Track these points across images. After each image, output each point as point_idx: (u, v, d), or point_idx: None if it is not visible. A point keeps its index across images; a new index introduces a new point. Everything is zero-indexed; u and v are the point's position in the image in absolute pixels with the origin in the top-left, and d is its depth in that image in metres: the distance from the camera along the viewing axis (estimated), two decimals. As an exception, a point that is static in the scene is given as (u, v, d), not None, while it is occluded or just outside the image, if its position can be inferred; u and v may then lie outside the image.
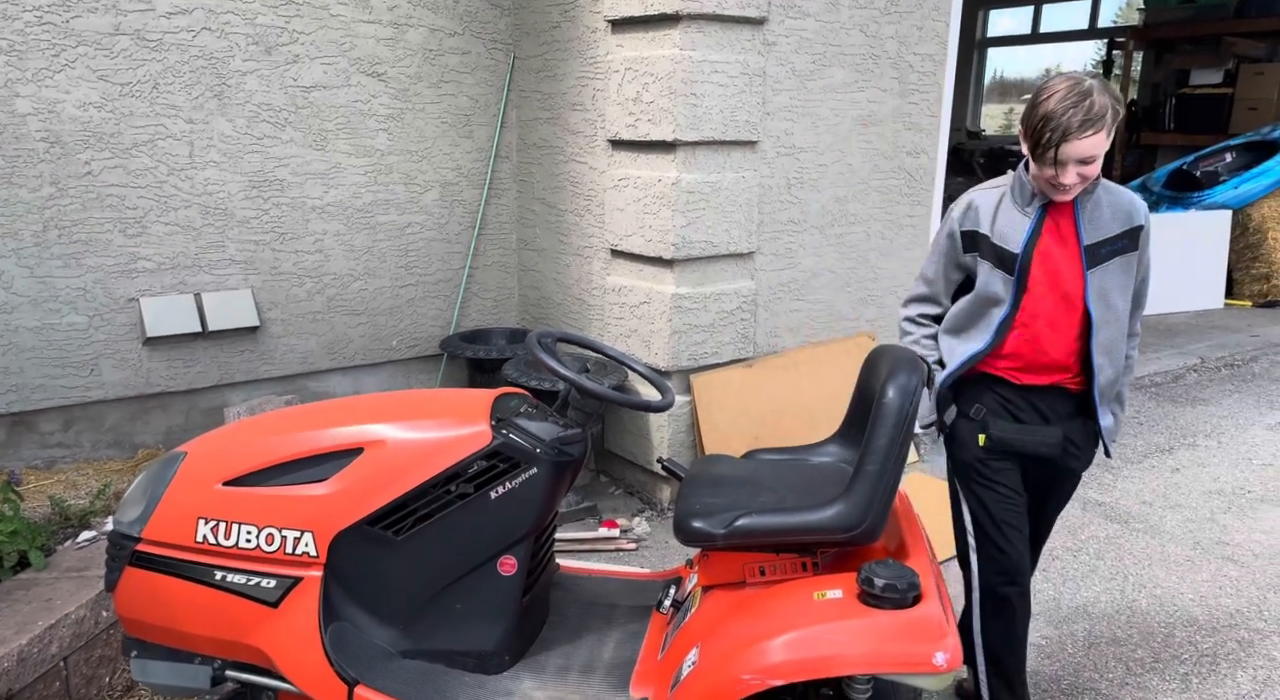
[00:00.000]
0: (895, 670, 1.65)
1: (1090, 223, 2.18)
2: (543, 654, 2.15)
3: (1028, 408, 2.29)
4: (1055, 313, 2.21)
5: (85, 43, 3.56)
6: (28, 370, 3.67)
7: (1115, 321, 2.21)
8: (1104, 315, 2.19)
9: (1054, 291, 2.20)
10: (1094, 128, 2.01)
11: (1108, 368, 2.23)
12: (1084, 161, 2.05)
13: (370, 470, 1.98)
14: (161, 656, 2.10)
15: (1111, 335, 2.21)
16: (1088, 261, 2.17)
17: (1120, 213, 2.20)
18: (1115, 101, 2.04)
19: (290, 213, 4.15)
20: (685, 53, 3.65)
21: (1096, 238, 2.17)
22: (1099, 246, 2.17)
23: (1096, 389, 2.23)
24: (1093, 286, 2.17)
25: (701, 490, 2.07)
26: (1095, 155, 2.05)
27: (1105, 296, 2.19)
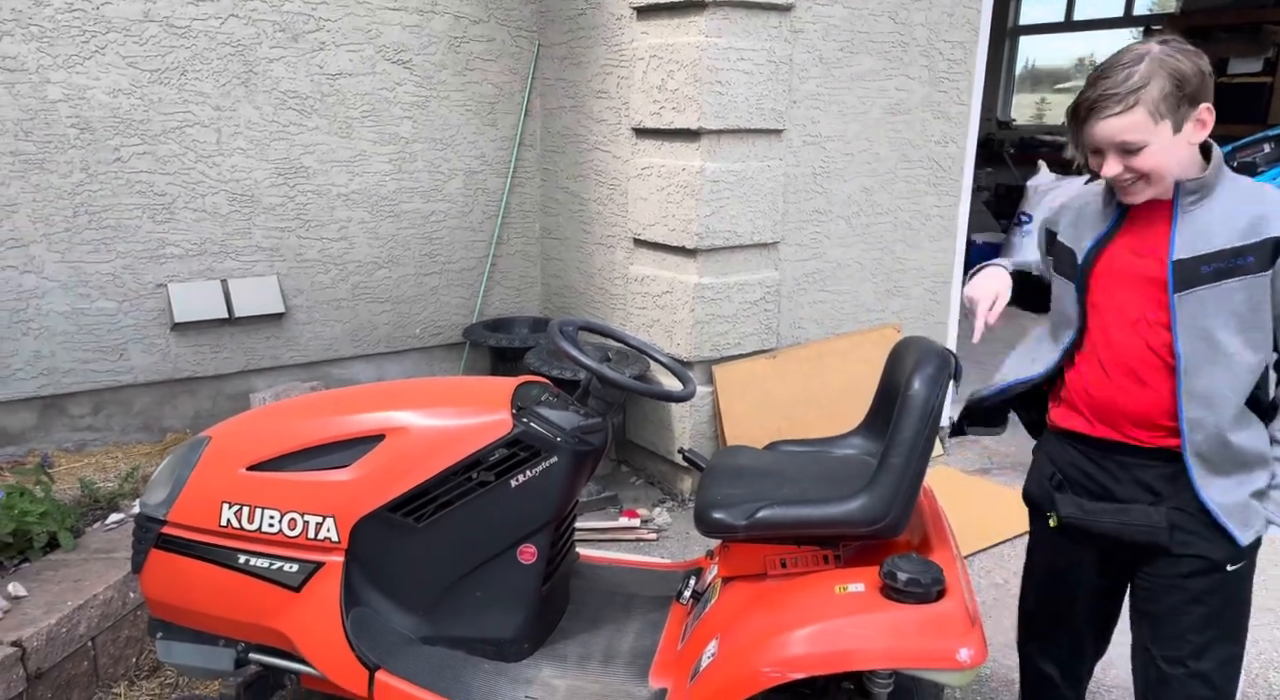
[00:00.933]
0: (918, 666, 1.64)
1: (1191, 230, 1.67)
2: (562, 643, 2.15)
3: (1118, 471, 1.80)
4: (1127, 345, 1.73)
5: (115, 29, 3.59)
6: (59, 354, 3.72)
7: (1222, 364, 1.66)
8: (1200, 354, 1.66)
9: (1123, 317, 1.74)
10: (1122, 105, 1.60)
11: (1207, 424, 1.68)
12: (1126, 150, 1.64)
13: (392, 457, 1.99)
14: (186, 638, 2.12)
15: (1214, 383, 1.67)
16: (1176, 282, 1.66)
17: (1243, 218, 1.64)
18: (1176, 75, 1.59)
19: (316, 200, 4.17)
20: (711, 40, 3.62)
21: (1196, 251, 1.65)
22: (1198, 263, 1.65)
23: (1189, 451, 1.69)
24: (1183, 315, 1.65)
25: (723, 481, 2.06)
26: (1136, 142, 1.63)
27: (1203, 330, 1.65)
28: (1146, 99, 1.61)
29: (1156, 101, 1.61)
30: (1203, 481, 1.70)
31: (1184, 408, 1.68)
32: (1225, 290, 1.64)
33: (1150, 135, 1.63)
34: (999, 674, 2.79)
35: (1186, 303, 1.66)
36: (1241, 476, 1.72)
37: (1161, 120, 1.62)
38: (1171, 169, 1.66)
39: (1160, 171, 1.66)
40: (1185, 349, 1.67)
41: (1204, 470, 1.70)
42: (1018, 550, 3.59)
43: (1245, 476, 1.72)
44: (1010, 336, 2.08)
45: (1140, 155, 1.65)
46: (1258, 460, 1.73)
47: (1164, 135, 1.63)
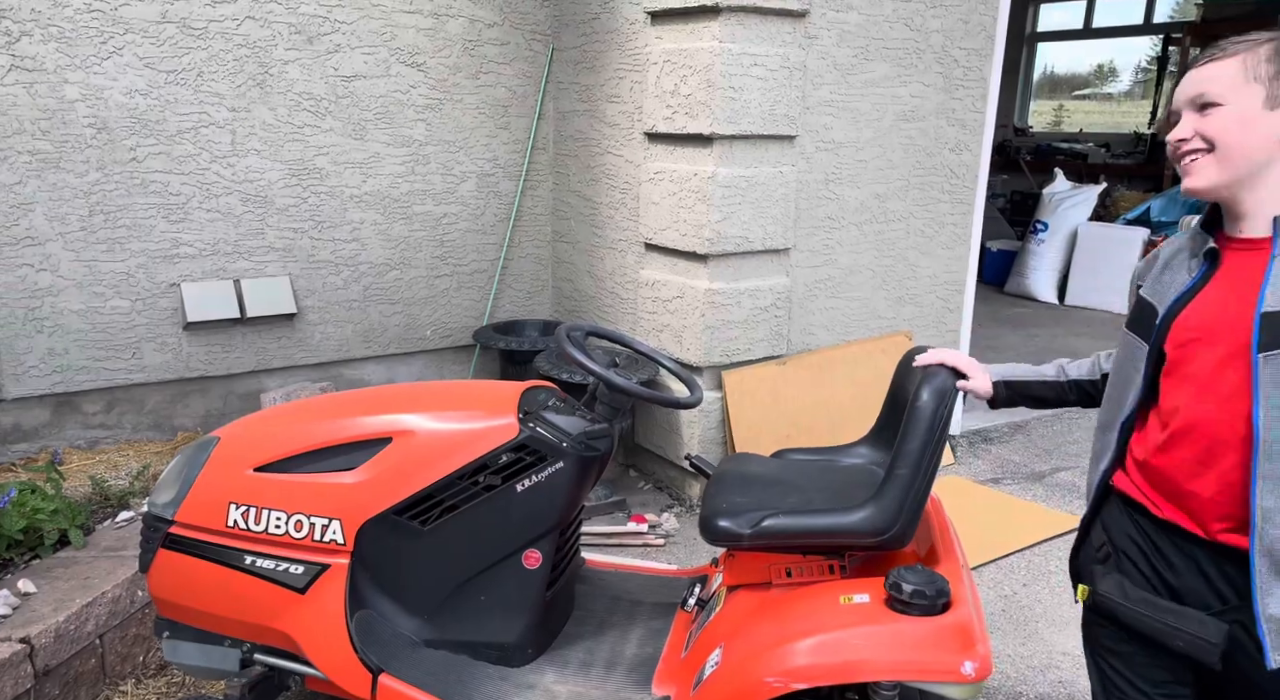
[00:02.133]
0: (922, 678, 1.62)
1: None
2: (566, 648, 2.15)
3: (1180, 561, 1.49)
4: (1201, 415, 1.43)
5: (132, 30, 3.61)
6: (73, 352, 3.74)
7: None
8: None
9: (1197, 382, 1.43)
10: (1222, 53, 1.38)
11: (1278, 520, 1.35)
12: (1200, 105, 1.40)
13: (398, 460, 1.99)
14: (192, 638, 2.13)
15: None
16: (1262, 339, 1.35)
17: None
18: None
19: (329, 201, 4.19)
20: (725, 45, 3.62)
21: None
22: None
23: (1256, 548, 1.37)
24: (1267, 379, 1.34)
25: (729, 489, 2.05)
26: (1212, 95, 1.38)
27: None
28: (1246, 53, 1.37)
29: (1257, 61, 1.35)
30: (1265, 586, 1.37)
31: (1258, 494, 1.36)
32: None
33: (1232, 93, 1.37)
34: (1006, 687, 2.77)
35: (1272, 365, 1.34)
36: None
37: (1254, 83, 1.36)
38: (1246, 150, 1.37)
39: (1228, 145, 1.38)
40: (1266, 421, 1.34)
41: (1270, 574, 1.37)
42: (1027, 561, 3.57)
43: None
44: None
45: (1211, 115, 1.38)
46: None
47: (1250, 100, 1.36)
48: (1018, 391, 1.85)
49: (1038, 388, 1.84)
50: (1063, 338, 6.87)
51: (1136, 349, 1.53)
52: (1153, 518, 1.51)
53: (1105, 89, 19.71)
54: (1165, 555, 1.50)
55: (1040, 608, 3.21)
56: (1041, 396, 1.84)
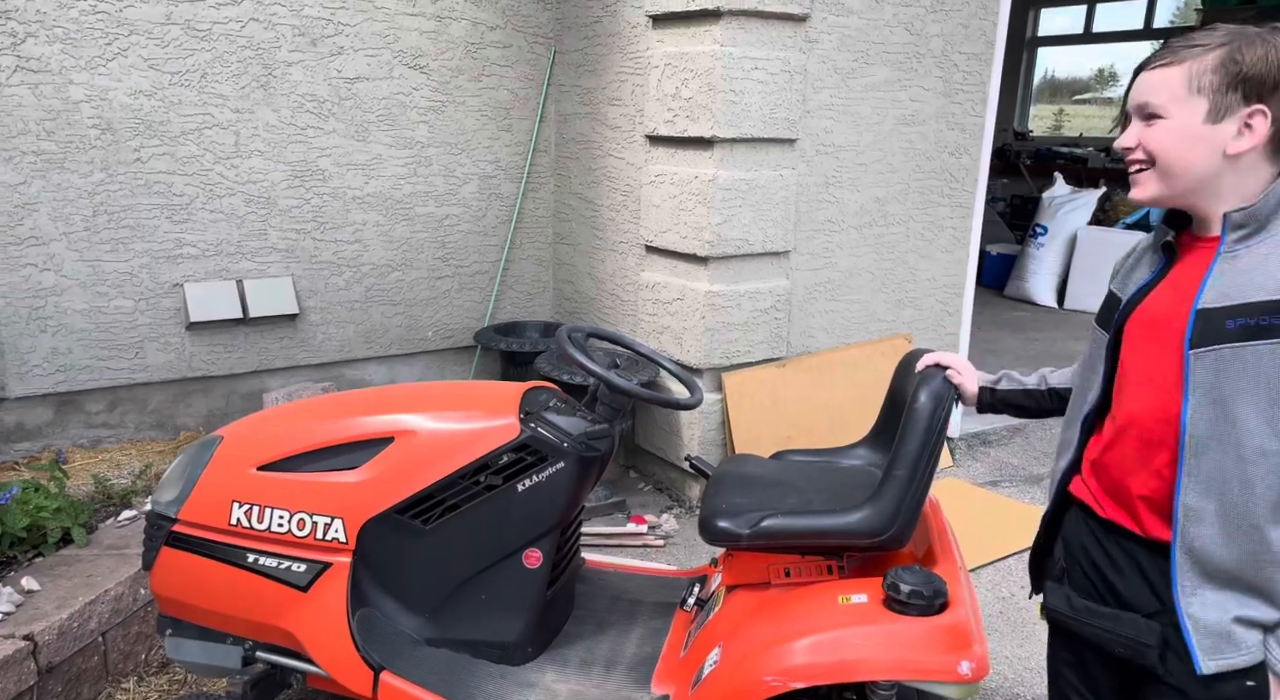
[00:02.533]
0: (919, 678, 1.64)
1: (1229, 275, 1.35)
2: (566, 647, 2.16)
3: (1124, 562, 1.48)
4: (1141, 410, 1.43)
5: (137, 32, 3.63)
6: (76, 351, 3.76)
7: (1235, 445, 1.32)
8: (1209, 428, 1.33)
9: (1141, 375, 1.44)
10: (1168, 59, 1.35)
11: (1207, 521, 1.35)
12: (1145, 114, 1.38)
13: (400, 460, 2.01)
14: (194, 636, 2.15)
15: (1221, 466, 1.33)
16: (1194, 335, 1.34)
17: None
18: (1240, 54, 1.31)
19: (331, 202, 4.21)
20: (726, 49, 3.64)
21: (1227, 300, 1.32)
22: (1225, 315, 1.32)
23: (1178, 546, 1.37)
24: (1197, 377, 1.34)
25: (728, 490, 2.07)
26: (1155, 106, 1.36)
27: (1219, 398, 1.33)
28: (1192, 61, 1.33)
29: (1202, 70, 1.32)
30: (1186, 586, 1.37)
31: (1181, 491, 1.36)
32: (1254, 353, 1.29)
33: (1175, 106, 1.34)
34: (1004, 689, 2.78)
35: (1203, 362, 1.33)
36: (1241, 596, 1.35)
37: (1197, 96, 1.33)
38: (1186, 166, 1.36)
39: (1167, 159, 1.37)
40: (1193, 418, 1.34)
41: (1192, 573, 1.37)
42: (1024, 563, 3.58)
43: (1244, 598, 1.35)
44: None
45: (1154, 127, 1.37)
46: (1272, 587, 1.33)
47: (1191, 115, 1.34)
48: (1000, 398, 1.85)
49: (1019, 396, 1.83)
50: (1061, 342, 6.89)
51: (1099, 343, 1.54)
52: (1099, 519, 1.51)
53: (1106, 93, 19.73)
54: (1111, 557, 1.49)
55: (1038, 610, 3.23)
56: (1023, 405, 1.83)
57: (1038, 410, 1.82)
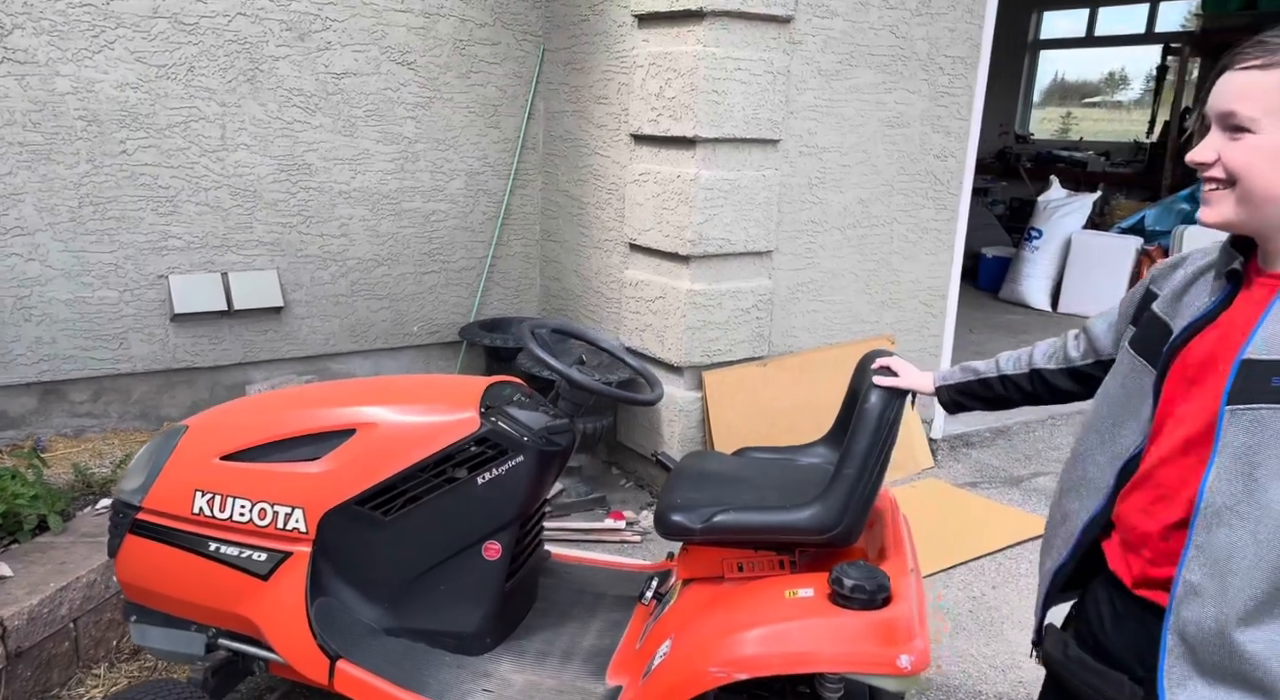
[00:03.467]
0: (859, 670, 1.66)
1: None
2: (525, 638, 2.19)
3: (1124, 613, 1.33)
4: (1173, 463, 1.25)
5: (124, 25, 3.66)
6: (60, 341, 3.79)
7: (1255, 522, 1.13)
8: (1232, 497, 1.15)
9: (1180, 425, 1.25)
10: (1264, 59, 1.14)
11: (1207, 597, 1.16)
12: (1230, 124, 1.17)
13: (361, 451, 2.03)
14: (159, 622, 2.18)
15: (1237, 544, 1.14)
16: (1234, 389, 1.16)
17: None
18: None
19: (317, 197, 4.23)
20: (709, 49, 3.66)
21: (1275, 352, 1.14)
22: (1270, 369, 1.14)
23: (1170, 625, 1.20)
24: (1230, 436, 1.16)
25: (686, 485, 2.09)
26: (1244, 116, 1.15)
27: (1248, 465, 1.14)
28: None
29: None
30: (1173, 674, 1.19)
31: (1185, 562, 1.18)
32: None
33: (1269, 119, 1.13)
34: (967, 685, 2.80)
35: (1238, 421, 1.14)
36: (1240, 698, 1.16)
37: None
38: (1272, 191, 1.15)
39: (1251, 182, 1.16)
40: (1214, 483, 1.16)
41: (1183, 661, 1.19)
42: (999, 564, 3.60)
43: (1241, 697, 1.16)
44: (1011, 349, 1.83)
45: (1240, 141, 1.16)
46: (1274, 686, 1.13)
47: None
48: (957, 391, 1.82)
49: (976, 387, 1.78)
50: (1052, 345, 6.90)
51: (1144, 375, 1.32)
52: (1109, 572, 1.35)
53: (1115, 97, 19.68)
54: (1115, 608, 1.34)
55: (1007, 609, 3.25)
56: (983, 396, 1.78)
57: (1002, 398, 1.76)
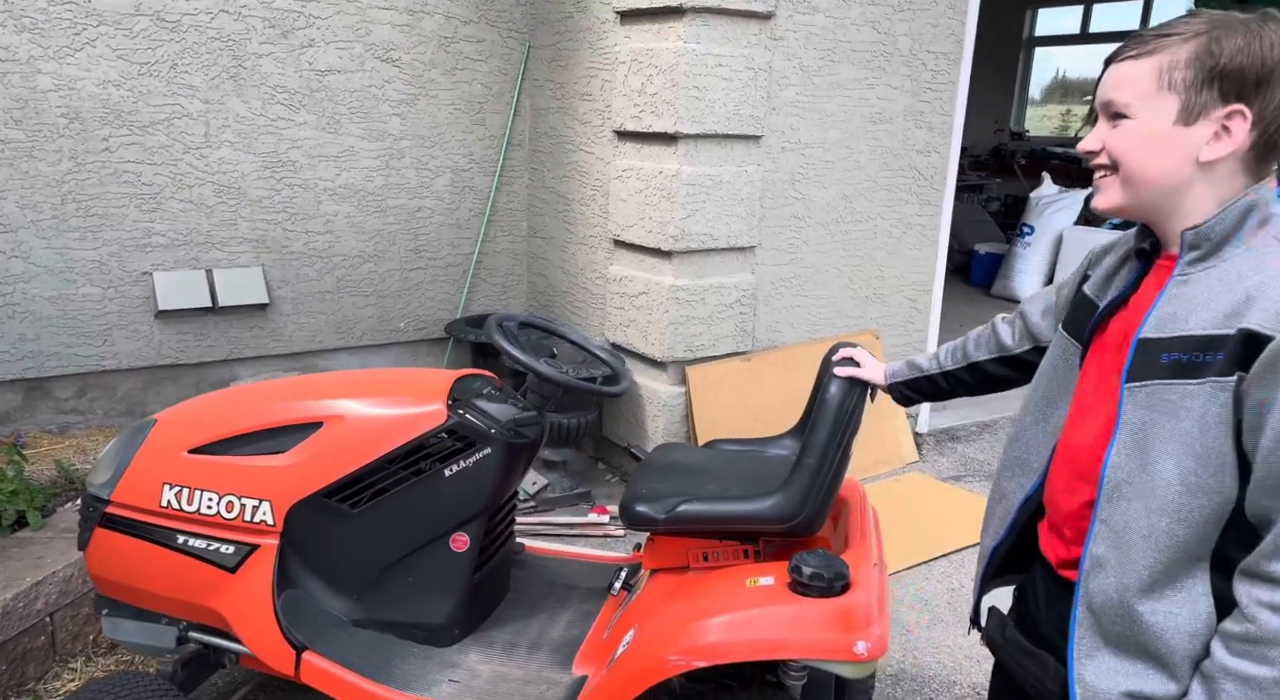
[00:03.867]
0: (816, 656, 1.67)
1: (1175, 302, 1.20)
2: (494, 630, 2.20)
3: (1055, 595, 1.36)
4: (1081, 440, 1.30)
5: (106, 22, 3.67)
6: (44, 338, 3.81)
7: (1147, 497, 1.17)
8: (1129, 473, 1.19)
9: (1090, 402, 1.30)
10: (1139, 49, 1.18)
11: (1109, 569, 1.20)
12: (1111, 112, 1.21)
13: (328, 444, 2.04)
14: (130, 616, 2.19)
15: (1133, 518, 1.18)
16: (1131, 367, 1.20)
17: (1234, 297, 1.14)
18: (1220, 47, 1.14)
19: (302, 194, 4.25)
20: (689, 45, 3.67)
21: (1165, 331, 1.18)
22: (1160, 347, 1.18)
23: (1079, 599, 1.24)
24: (1128, 414, 1.20)
25: (652, 476, 2.11)
26: (1121, 104, 1.19)
27: (1142, 441, 1.18)
28: (1164, 53, 1.16)
29: (1174, 64, 1.15)
30: (1082, 646, 1.23)
31: (1091, 537, 1.22)
32: (1181, 394, 1.14)
33: (1143, 104, 1.18)
34: (941, 675, 2.81)
35: (1135, 398, 1.18)
36: (1143, 668, 1.19)
37: (1168, 93, 1.16)
38: (1152, 175, 1.19)
39: (1130, 165, 1.20)
40: (1115, 459, 1.20)
41: (1092, 633, 1.23)
42: (976, 556, 3.61)
43: (1146, 671, 1.19)
44: None
45: (1120, 128, 1.20)
46: (1170, 657, 1.17)
47: (1160, 114, 1.17)
48: (907, 387, 1.82)
49: (922, 383, 1.80)
50: (1042, 340, 6.91)
51: (1073, 356, 1.35)
52: (1041, 553, 1.39)
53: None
54: (1049, 588, 1.36)
55: (986, 603, 3.26)
56: (930, 392, 1.80)
57: (946, 392, 1.78)
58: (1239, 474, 1.13)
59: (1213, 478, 1.13)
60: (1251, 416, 1.10)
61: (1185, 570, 1.16)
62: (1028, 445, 1.41)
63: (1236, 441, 1.12)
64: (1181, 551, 1.16)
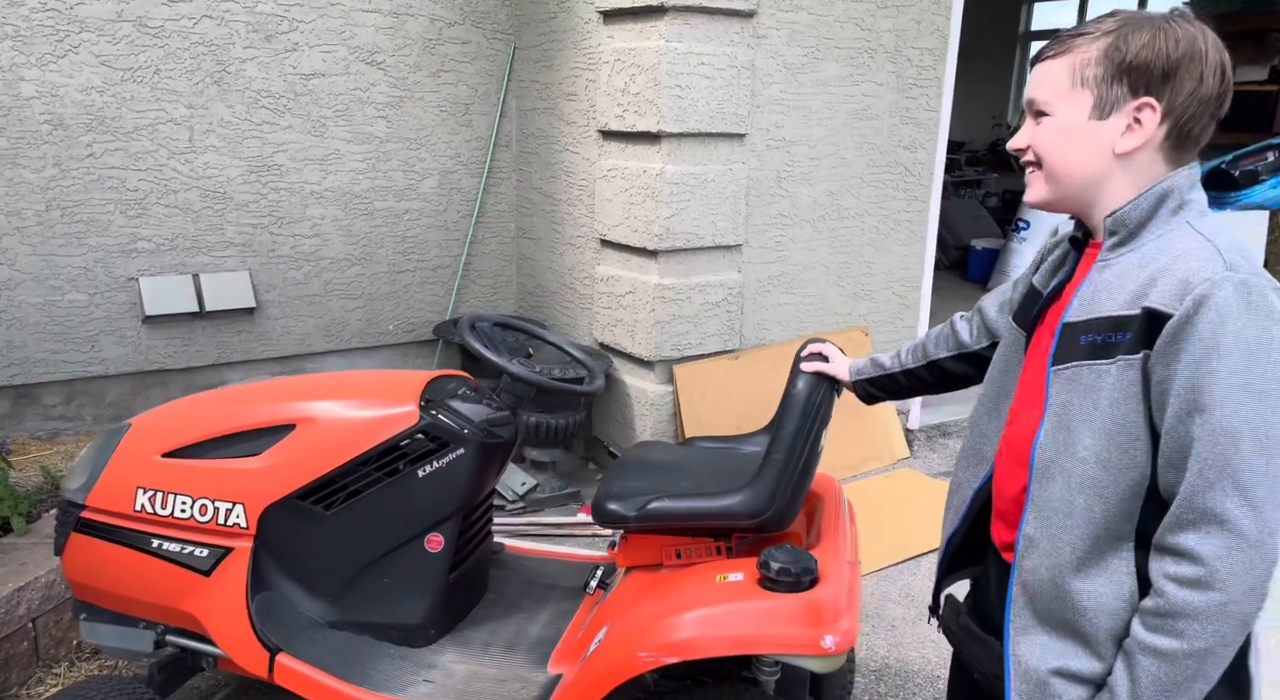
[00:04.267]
0: (784, 651, 1.67)
1: (1095, 285, 1.25)
2: (471, 630, 2.20)
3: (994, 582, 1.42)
4: (1019, 423, 1.35)
5: (88, 29, 3.68)
6: (30, 345, 3.81)
7: (1067, 475, 1.22)
8: (1054, 452, 1.23)
9: (1030, 388, 1.35)
10: (1056, 49, 1.25)
11: (1040, 547, 1.25)
12: (1034, 111, 1.27)
13: (301, 446, 2.05)
14: (108, 620, 2.19)
15: (1057, 497, 1.23)
16: (1057, 350, 1.26)
17: (1138, 280, 1.18)
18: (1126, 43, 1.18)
19: (288, 197, 4.25)
20: (671, 44, 3.67)
21: (1083, 314, 1.24)
22: (1080, 330, 1.23)
23: (1014, 577, 1.29)
24: (1055, 395, 1.25)
25: (625, 474, 2.11)
26: (1042, 102, 1.25)
27: (1066, 421, 1.23)
28: (1077, 51, 1.22)
29: (1086, 61, 1.21)
30: (1017, 623, 1.27)
31: (1024, 518, 1.27)
32: (1095, 373, 1.19)
33: (1060, 101, 1.24)
34: (926, 670, 2.81)
35: (1060, 380, 1.23)
36: (1071, 646, 1.23)
37: (1081, 88, 1.22)
38: (1071, 168, 1.24)
39: (1050, 158, 1.25)
40: (1044, 440, 1.24)
41: (1026, 610, 1.27)
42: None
43: (1074, 649, 1.23)
44: None
45: (1041, 125, 1.26)
46: (1095, 635, 1.21)
47: (1076, 110, 1.22)
48: (871, 385, 1.83)
49: (885, 382, 1.81)
50: (1036, 335, 6.90)
51: (1020, 345, 1.39)
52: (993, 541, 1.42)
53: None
54: (1001, 579, 1.38)
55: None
56: (891, 389, 1.81)
57: (908, 390, 1.80)
58: (1151, 450, 1.16)
59: (1124, 454, 1.17)
60: (1157, 393, 1.14)
61: (1110, 549, 1.20)
62: (981, 435, 1.44)
63: (1149, 419, 1.16)
64: (1101, 529, 1.19)
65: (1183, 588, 1.10)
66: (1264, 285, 1.10)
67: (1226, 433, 1.08)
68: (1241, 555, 1.08)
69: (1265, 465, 1.08)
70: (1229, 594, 1.08)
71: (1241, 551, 1.08)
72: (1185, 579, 1.10)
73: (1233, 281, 1.09)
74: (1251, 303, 1.09)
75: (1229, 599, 1.08)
